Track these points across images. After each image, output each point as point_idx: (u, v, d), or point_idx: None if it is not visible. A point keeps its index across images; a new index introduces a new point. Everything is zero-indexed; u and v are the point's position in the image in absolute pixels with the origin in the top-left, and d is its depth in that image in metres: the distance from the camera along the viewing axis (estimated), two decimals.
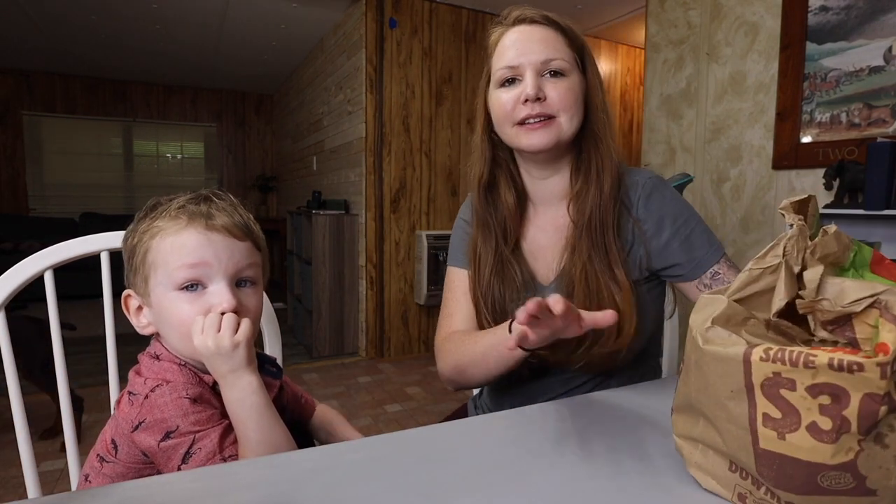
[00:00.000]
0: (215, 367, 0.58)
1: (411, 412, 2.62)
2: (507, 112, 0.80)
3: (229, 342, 0.57)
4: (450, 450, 0.53)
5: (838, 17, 2.09)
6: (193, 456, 0.56)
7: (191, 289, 0.60)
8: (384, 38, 3.34)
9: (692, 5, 2.66)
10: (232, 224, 0.63)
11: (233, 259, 0.62)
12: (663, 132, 2.86)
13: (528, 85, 0.77)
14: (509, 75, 0.79)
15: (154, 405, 0.57)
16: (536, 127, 0.78)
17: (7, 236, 5.05)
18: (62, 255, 0.80)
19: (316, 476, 0.48)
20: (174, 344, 0.62)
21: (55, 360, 0.79)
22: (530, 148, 0.79)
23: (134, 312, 0.65)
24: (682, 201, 0.84)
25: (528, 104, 0.77)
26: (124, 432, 0.58)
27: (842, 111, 2.09)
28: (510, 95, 0.79)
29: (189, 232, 0.60)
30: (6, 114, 5.43)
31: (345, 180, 3.80)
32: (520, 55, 0.78)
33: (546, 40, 0.79)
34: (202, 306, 0.60)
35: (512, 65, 0.79)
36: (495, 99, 0.82)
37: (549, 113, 0.78)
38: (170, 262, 0.60)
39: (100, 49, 4.69)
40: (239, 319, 0.59)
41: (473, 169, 0.90)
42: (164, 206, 0.63)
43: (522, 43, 0.79)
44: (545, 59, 0.78)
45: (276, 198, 6.63)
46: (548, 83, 0.78)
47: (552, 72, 0.78)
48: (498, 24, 0.84)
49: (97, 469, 0.60)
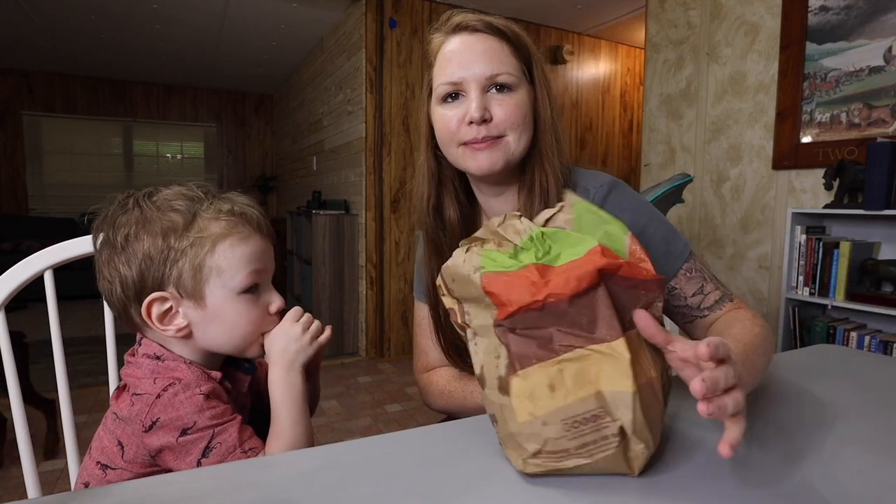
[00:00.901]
0: (287, 353, 0.64)
1: (411, 412, 2.62)
2: (451, 132, 0.73)
3: (311, 339, 0.66)
4: (450, 450, 0.53)
5: (838, 17, 2.09)
6: (214, 450, 0.57)
7: (253, 291, 0.64)
8: (384, 38, 3.34)
9: (692, 5, 2.66)
10: (270, 229, 0.68)
11: (273, 263, 0.69)
12: (663, 132, 2.86)
13: (473, 106, 0.70)
14: (451, 91, 0.73)
15: (168, 404, 0.57)
16: (482, 147, 0.72)
17: (7, 236, 5.06)
18: (62, 255, 0.80)
19: (316, 476, 0.48)
20: (222, 342, 0.64)
21: (55, 360, 0.79)
22: (478, 171, 0.73)
23: (159, 317, 0.61)
24: (637, 208, 0.77)
25: (472, 126, 0.71)
26: (134, 433, 0.58)
27: (842, 111, 2.09)
28: (454, 114, 0.73)
29: (255, 240, 0.65)
30: (6, 114, 5.43)
31: (345, 180, 3.80)
32: (462, 69, 0.71)
33: (490, 52, 0.72)
34: (262, 307, 0.65)
35: (453, 80, 0.72)
36: (438, 116, 0.75)
37: (495, 134, 0.72)
38: (239, 268, 0.62)
39: (100, 49, 4.70)
40: (323, 326, 0.69)
41: (419, 189, 0.82)
42: (199, 206, 0.63)
43: (464, 55, 0.72)
44: (490, 73, 0.71)
45: (276, 198, 6.64)
46: (493, 100, 0.72)
47: (498, 86, 0.72)
48: (437, 31, 0.76)
49: (99, 477, 0.60)
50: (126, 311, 0.63)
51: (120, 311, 0.63)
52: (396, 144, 3.44)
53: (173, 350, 0.63)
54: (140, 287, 0.61)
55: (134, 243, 0.60)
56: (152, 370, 0.61)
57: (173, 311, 0.62)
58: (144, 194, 0.63)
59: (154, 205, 0.61)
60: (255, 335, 0.65)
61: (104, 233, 0.62)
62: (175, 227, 0.61)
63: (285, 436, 0.62)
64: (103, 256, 0.62)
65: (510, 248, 0.51)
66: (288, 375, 0.64)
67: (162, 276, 0.61)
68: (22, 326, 4.05)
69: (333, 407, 2.68)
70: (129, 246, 0.60)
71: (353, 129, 3.57)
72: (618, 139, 4.56)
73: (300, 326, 0.66)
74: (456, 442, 0.55)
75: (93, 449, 0.62)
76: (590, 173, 0.81)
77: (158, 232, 0.60)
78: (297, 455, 0.54)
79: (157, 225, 0.60)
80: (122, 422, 0.59)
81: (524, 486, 0.46)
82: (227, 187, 4.45)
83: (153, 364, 0.62)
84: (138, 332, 0.65)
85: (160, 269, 0.60)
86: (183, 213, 0.61)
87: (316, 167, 4.59)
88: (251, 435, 0.61)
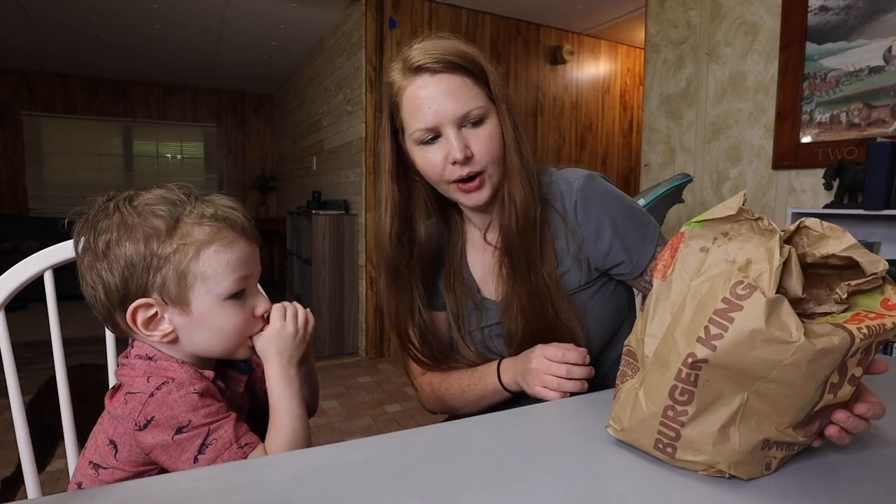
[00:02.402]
0: (284, 352, 0.66)
1: (411, 412, 2.62)
2: (438, 173, 0.77)
3: (304, 333, 0.68)
4: (450, 450, 0.53)
5: (838, 17, 2.09)
6: (210, 447, 0.57)
7: (239, 296, 0.64)
8: (384, 38, 3.34)
9: (692, 5, 2.66)
10: (254, 232, 0.67)
11: (259, 266, 0.68)
12: (663, 132, 2.86)
13: (455, 147, 0.74)
14: (429, 135, 0.76)
15: (162, 402, 0.57)
16: (471, 188, 0.77)
17: (7, 236, 5.06)
18: (62, 255, 0.80)
19: (316, 476, 0.48)
20: (209, 346, 0.63)
21: (55, 360, 0.79)
22: (474, 207, 0.81)
23: (144, 323, 0.61)
24: (614, 197, 0.83)
25: (456, 166, 0.76)
26: (126, 431, 0.58)
27: (841, 111, 2.09)
28: (437, 157, 0.76)
29: (240, 245, 0.64)
30: (6, 114, 5.43)
31: (345, 180, 3.80)
32: (436, 116, 0.75)
33: (457, 91, 0.75)
34: (247, 310, 0.65)
35: (429, 126, 0.75)
36: (420, 158, 0.79)
37: (477, 170, 0.77)
38: (225, 275, 0.62)
39: (100, 49, 4.69)
40: (308, 316, 0.70)
41: (382, 223, 0.85)
42: (181, 210, 0.61)
43: (434, 101, 0.74)
44: (463, 113, 0.75)
45: (276, 198, 6.63)
46: (470, 135, 0.76)
47: (473, 122, 0.76)
48: (397, 71, 0.78)
49: (92, 476, 0.60)
50: (111, 317, 0.62)
51: (105, 316, 0.63)
52: None
53: (164, 352, 0.63)
54: (124, 294, 0.60)
55: (115, 249, 0.59)
56: (145, 370, 0.61)
57: (158, 317, 0.61)
58: (125, 198, 0.61)
59: (135, 210, 0.60)
60: (241, 339, 0.65)
61: (85, 237, 0.61)
62: (157, 233, 0.59)
63: (285, 428, 0.62)
64: (85, 262, 0.61)
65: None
66: (287, 371, 0.65)
67: (146, 282, 0.60)
68: (22, 326, 4.05)
69: (333, 407, 2.68)
70: (110, 252, 0.59)
71: (353, 129, 3.57)
72: (618, 139, 4.56)
73: (291, 325, 0.66)
74: (456, 442, 0.55)
75: (87, 449, 0.62)
76: (562, 171, 0.86)
77: (140, 238, 0.59)
78: (296, 455, 0.54)
79: (139, 231, 0.59)
80: (115, 420, 0.59)
81: (524, 486, 0.46)
82: (227, 187, 4.46)
83: (146, 364, 0.62)
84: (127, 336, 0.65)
85: (143, 275, 0.59)
86: (165, 219, 0.60)
87: (316, 167, 4.59)
88: (247, 431, 0.61)
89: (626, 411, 0.52)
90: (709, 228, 0.52)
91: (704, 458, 0.47)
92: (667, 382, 0.47)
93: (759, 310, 0.42)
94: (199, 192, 0.65)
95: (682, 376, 0.46)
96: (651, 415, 0.49)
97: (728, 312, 0.43)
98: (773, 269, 0.44)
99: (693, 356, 0.45)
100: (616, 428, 0.53)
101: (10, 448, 2.01)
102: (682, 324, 0.47)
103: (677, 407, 0.47)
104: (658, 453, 0.50)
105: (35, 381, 2.13)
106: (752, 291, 0.43)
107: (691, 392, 0.46)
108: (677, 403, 0.47)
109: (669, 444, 0.48)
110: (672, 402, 0.47)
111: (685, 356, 0.45)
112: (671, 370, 0.47)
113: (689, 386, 0.46)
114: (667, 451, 0.49)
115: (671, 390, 0.47)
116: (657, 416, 0.48)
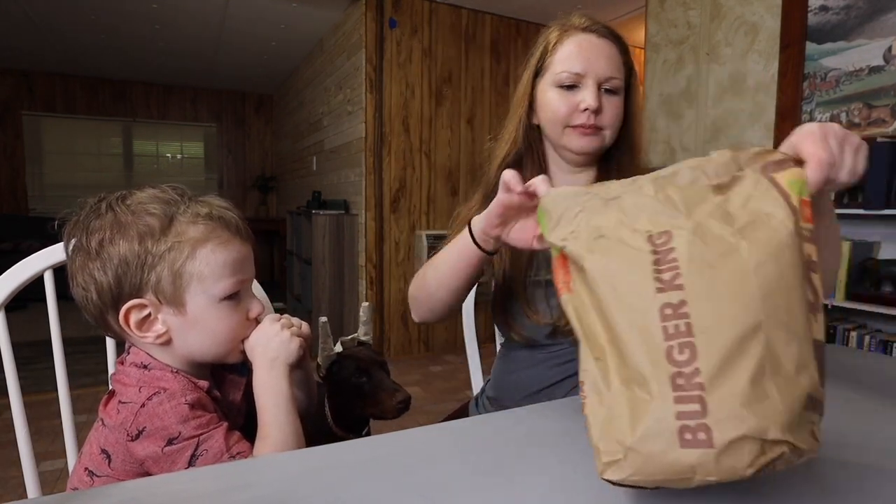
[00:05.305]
0: (268, 351, 0.64)
1: (411, 412, 2.62)
2: (561, 115, 0.84)
3: (291, 335, 0.65)
4: (450, 450, 0.53)
5: (838, 16, 2.09)
6: (200, 458, 0.57)
7: (234, 298, 0.63)
8: (384, 38, 3.34)
9: (692, 5, 2.66)
10: (249, 233, 0.66)
11: (253, 268, 0.67)
12: (663, 132, 2.86)
13: (591, 96, 0.82)
14: (572, 81, 0.83)
15: (153, 413, 0.57)
16: (588, 132, 0.84)
17: (7, 236, 5.05)
18: (62, 255, 0.79)
19: (316, 476, 0.48)
20: (203, 349, 0.63)
21: (55, 360, 0.79)
22: (579, 150, 0.86)
23: (137, 324, 0.60)
24: None
25: (586, 113, 0.82)
26: (118, 441, 0.57)
27: (842, 111, 2.09)
28: (568, 102, 0.83)
29: (235, 245, 0.63)
30: (6, 114, 5.43)
31: (345, 180, 3.80)
32: (587, 65, 0.82)
33: (611, 57, 0.84)
34: (242, 312, 0.65)
35: (578, 72, 0.83)
36: (551, 98, 0.85)
37: (599, 125, 0.84)
38: (222, 275, 0.61)
39: (100, 49, 4.70)
40: (303, 323, 0.69)
41: (496, 150, 0.93)
42: (175, 209, 0.60)
43: (590, 53, 0.83)
44: (608, 76, 0.83)
45: (276, 198, 6.63)
46: (604, 98, 0.84)
47: (608, 89, 0.84)
48: (561, 24, 0.87)
49: (87, 483, 0.59)
50: (103, 318, 0.61)
51: (96, 317, 0.61)
52: (396, 144, 3.44)
53: (157, 357, 0.62)
54: (117, 293, 0.59)
55: (109, 248, 0.58)
56: (138, 379, 0.60)
57: (152, 318, 0.60)
58: (117, 198, 0.61)
59: (128, 208, 0.59)
60: (234, 342, 0.64)
61: (76, 238, 0.60)
62: (152, 230, 0.58)
63: (271, 438, 0.61)
64: (76, 262, 0.60)
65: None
66: (270, 376, 0.63)
67: (140, 281, 0.59)
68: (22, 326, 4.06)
69: None
70: (103, 251, 0.58)
71: (353, 129, 3.57)
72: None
73: (278, 325, 0.65)
74: (456, 442, 0.55)
75: (83, 453, 0.62)
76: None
77: (135, 236, 0.58)
78: (296, 455, 0.54)
79: (133, 229, 0.58)
80: (107, 430, 0.59)
81: (524, 486, 0.46)
82: (227, 187, 4.47)
83: (139, 373, 0.61)
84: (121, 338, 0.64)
85: (138, 274, 0.58)
86: (159, 217, 0.59)
87: (316, 167, 4.59)
88: (239, 439, 0.60)
89: (623, 423, 0.39)
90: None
91: (751, 426, 0.35)
92: (656, 349, 0.38)
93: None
94: (193, 193, 0.65)
95: (671, 331, 0.38)
96: (660, 394, 0.37)
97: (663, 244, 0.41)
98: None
99: (669, 306, 0.38)
100: (616, 459, 0.39)
101: (11, 448, 2.01)
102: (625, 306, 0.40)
103: (684, 369, 0.37)
104: (690, 452, 0.35)
105: (35, 381, 2.09)
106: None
107: (690, 344, 0.37)
108: (682, 365, 0.37)
109: (700, 425, 0.35)
110: (674, 366, 0.37)
111: (660, 306, 0.38)
112: (652, 335, 0.38)
113: (682, 337, 0.37)
114: (700, 440, 0.35)
115: (667, 352, 0.37)
116: (668, 393, 0.37)
